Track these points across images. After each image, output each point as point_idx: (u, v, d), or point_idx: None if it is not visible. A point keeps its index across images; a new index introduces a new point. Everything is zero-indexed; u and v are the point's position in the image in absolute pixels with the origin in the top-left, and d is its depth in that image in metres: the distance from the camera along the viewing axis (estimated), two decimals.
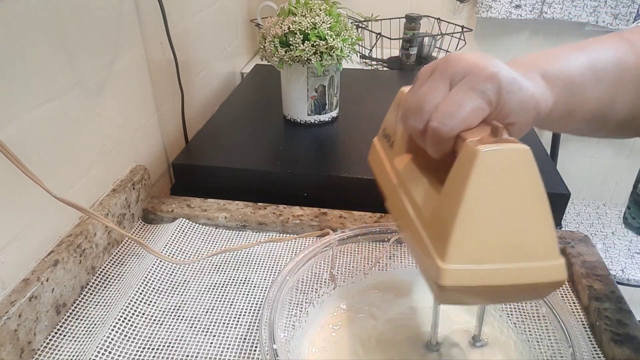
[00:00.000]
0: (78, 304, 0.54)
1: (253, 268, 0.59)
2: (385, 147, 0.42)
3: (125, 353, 0.48)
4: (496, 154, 0.29)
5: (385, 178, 0.41)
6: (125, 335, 0.49)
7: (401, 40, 1.30)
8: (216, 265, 0.60)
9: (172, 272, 0.58)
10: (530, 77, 0.36)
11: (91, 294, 0.55)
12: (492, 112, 0.33)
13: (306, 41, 0.73)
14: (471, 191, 0.29)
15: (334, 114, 0.86)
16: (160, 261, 0.58)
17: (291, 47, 0.74)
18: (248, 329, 0.51)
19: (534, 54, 0.40)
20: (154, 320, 0.52)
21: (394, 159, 0.40)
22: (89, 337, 0.49)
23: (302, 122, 0.84)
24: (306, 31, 0.73)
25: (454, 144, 0.33)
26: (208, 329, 0.51)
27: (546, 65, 0.38)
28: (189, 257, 0.61)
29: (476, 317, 0.47)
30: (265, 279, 0.58)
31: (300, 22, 0.74)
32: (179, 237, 0.63)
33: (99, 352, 0.46)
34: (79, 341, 0.49)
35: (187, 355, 0.48)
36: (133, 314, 0.51)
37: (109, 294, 0.55)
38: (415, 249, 0.35)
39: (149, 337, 0.50)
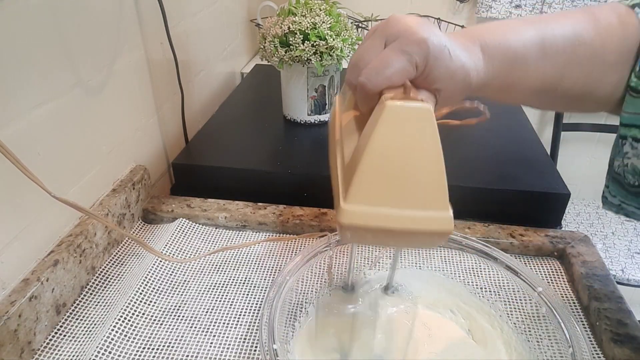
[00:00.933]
0: (78, 304, 0.54)
1: (253, 268, 0.59)
2: (341, 103, 0.45)
3: (125, 353, 0.48)
4: (399, 109, 0.33)
5: (332, 134, 0.44)
6: (125, 335, 0.49)
7: None
8: (216, 265, 0.60)
9: (172, 272, 0.58)
10: (468, 47, 0.38)
11: (91, 294, 0.55)
12: (419, 76, 0.35)
13: (306, 41, 0.73)
14: (374, 139, 0.33)
15: None
16: (160, 261, 0.58)
17: (291, 47, 0.74)
18: (248, 329, 0.51)
19: (482, 25, 0.41)
20: (154, 320, 0.52)
21: (342, 114, 0.43)
22: (89, 337, 0.49)
23: (302, 122, 0.84)
24: (306, 31, 0.73)
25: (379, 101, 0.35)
26: (208, 329, 0.51)
27: (488, 37, 0.39)
28: (189, 257, 0.61)
29: (390, 267, 0.51)
30: (265, 279, 0.58)
31: (300, 22, 0.74)
32: (179, 237, 0.63)
33: (99, 352, 0.46)
34: (79, 341, 0.49)
35: (187, 355, 0.48)
36: (133, 314, 0.51)
37: (109, 294, 0.55)
38: (333, 195, 0.38)
39: (149, 337, 0.50)
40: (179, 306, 0.54)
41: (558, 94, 0.42)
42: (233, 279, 0.58)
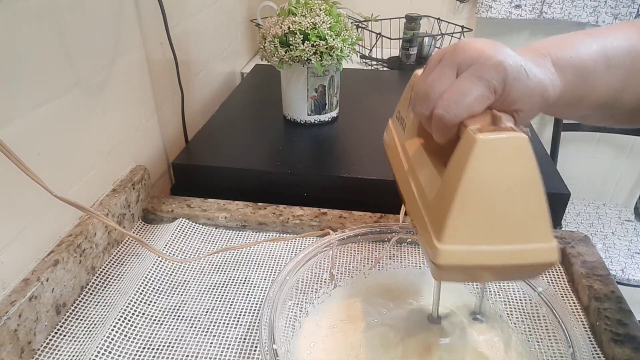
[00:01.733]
0: (78, 304, 0.54)
1: (253, 268, 0.59)
2: (398, 129, 0.44)
3: (125, 353, 0.48)
4: (493, 142, 0.31)
5: (397, 161, 0.42)
6: (125, 335, 0.49)
7: (401, 40, 1.30)
8: (216, 265, 0.60)
9: (172, 272, 0.58)
10: (540, 63, 0.37)
11: (91, 294, 0.55)
12: (498, 99, 0.34)
13: (306, 41, 0.73)
14: (468, 176, 0.31)
15: (334, 114, 0.86)
16: (160, 261, 0.58)
17: (291, 47, 0.74)
18: (248, 329, 0.51)
19: (546, 40, 0.40)
20: (154, 320, 0.52)
21: (405, 141, 0.41)
22: (89, 337, 0.49)
23: (302, 122, 0.84)
24: (306, 31, 0.73)
25: (458, 131, 0.34)
26: (208, 329, 0.51)
27: (558, 51, 0.38)
28: (189, 257, 0.61)
29: (477, 294, 0.48)
30: (265, 279, 0.58)
31: (300, 22, 0.74)
32: (179, 237, 0.63)
33: (99, 352, 0.46)
34: (79, 341, 0.49)
35: (187, 355, 0.48)
36: (133, 314, 0.51)
37: (109, 294, 0.55)
38: (418, 230, 0.37)
39: (149, 337, 0.50)
40: (179, 306, 0.54)
41: (617, 107, 0.42)
42: (233, 279, 0.58)
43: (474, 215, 0.31)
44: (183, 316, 0.52)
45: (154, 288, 0.55)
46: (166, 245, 0.61)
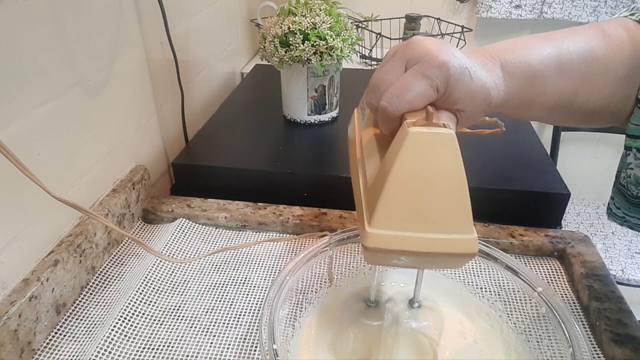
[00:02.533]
0: (78, 304, 0.54)
1: (253, 268, 0.59)
2: (359, 118, 0.46)
3: (125, 353, 0.48)
4: (422, 136, 0.33)
5: (352, 149, 0.44)
6: (125, 335, 0.49)
7: (401, 41, 1.30)
8: (216, 265, 0.60)
9: (172, 272, 0.58)
10: (488, 67, 0.38)
11: (91, 294, 0.55)
12: (440, 97, 0.36)
13: (306, 41, 0.73)
14: (398, 166, 0.33)
15: (334, 114, 0.86)
16: (160, 261, 0.58)
17: (291, 47, 0.74)
18: (248, 329, 0.51)
19: (500, 43, 0.41)
20: (154, 320, 0.52)
21: (363, 130, 0.43)
22: (89, 337, 0.49)
23: (302, 122, 0.84)
24: (306, 31, 0.73)
25: (400, 124, 0.36)
26: (208, 329, 0.51)
27: (509, 55, 0.40)
28: (189, 257, 0.61)
29: (415, 282, 0.50)
30: (265, 279, 0.58)
31: (300, 22, 0.74)
32: (179, 237, 0.63)
33: (99, 352, 0.46)
34: (79, 341, 0.49)
35: (187, 355, 0.48)
36: (133, 314, 0.51)
37: (109, 294, 0.55)
38: (357, 217, 0.39)
39: (149, 337, 0.50)
40: (179, 306, 0.54)
41: (572, 110, 0.43)
42: (233, 279, 0.58)
43: (401, 203, 0.34)
44: (183, 316, 0.52)
45: (154, 288, 0.55)
46: (166, 245, 0.61)
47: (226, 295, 0.55)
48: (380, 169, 0.36)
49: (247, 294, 0.55)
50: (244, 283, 0.57)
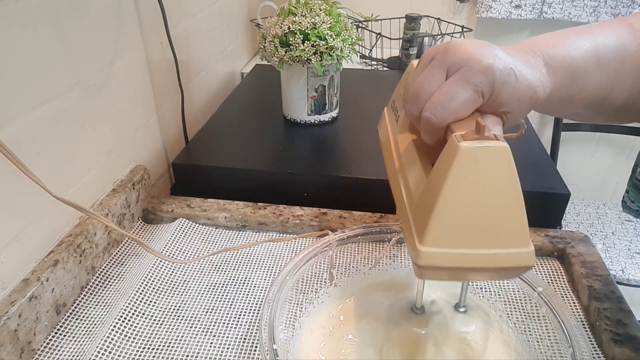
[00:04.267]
0: (78, 304, 0.54)
1: (253, 268, 0.59)
2: (392, 119, 0.45)
3: (125, 353, 0.48)
4: (475, 151, 0.31)
5: (389, 155, 0.43)
6: (125, 335, 0.49)
7: (401, 40, 1.30)
8: (216, 265, 0.60)
9: (172, 272, 0.58)
10: (531, 63, 0.37)
11: (91, 294, 0.55)
12: (486, 102, 0.35)
13: (306, 41, 0.73)
14: (449, 183, 0.32)
15: (334, 114, 0.86)
16: (160, 261, 0.58)
17: (291, 47, 0.74)
18: (248, 329, 0.51)
19: (538, 37, 0.40)
20: (154, 320, 0.52)
21: (398, 134, 0.42)
22: (89, 337, 0.49)
23: (302, 122, 0.84)
24: (306, 31, 0.73)
25: (445, 133, 0.35)
26: (208, 329, 0.51)
27: (550, 50, 0.38)
28: (189, 257, 0.61)
29: (461, 287, 0.50)
30: (265, 279, 0.58)
31: (300, 22, 0.74)
32: (179, 237, 0.63)
33: (99, 352, 0.46)
34: (79, 341, 0.49)
35: (187, 355, 0.48)
36: (133, 314, 0.51)
37: (109, 294, 0.55)
38: (403, 229, 0.38)
39: (149, 337, 0.50)
40: (179, 306, 0.54)
41: (605, 105, 0.42)
42: (233, 279, 0.58)
43: (454, 220, 0.33)
44: (183, 316, 0.52)
45: (154, 288, 0.55)
46: (166, 245, 0.61)
47: (226, 295, 0.55)
48: (428, 184, 0.35)
49: (247, 294, 0.55)
50: (244, 283, 0.57)
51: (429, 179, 0.35)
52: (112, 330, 0.49)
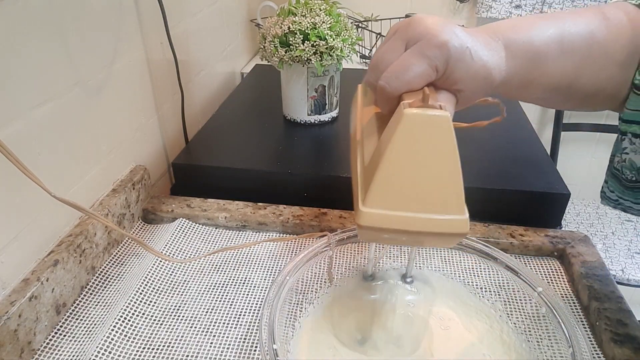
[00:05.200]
0: (78, 304, 0.54)
1: (253, 268, 0.59)
2: (362, 95, 0.46)
3: (125, 353, 0.48)
4: (417, 117, 0.33)
5: (353, 127, 0.45)
6: (125, 335, 0.49)
7: None
8: (216, 265, 0.60)
9: (172, 272, 0.58)
10: (491, 45, 0.38)
11: (91, 294, 0.55)
12: (440, 77, 0.36)
13: (306, 41, 0.73)
14: (393, 147, 0.33)
15: (334, 114, 0.86)
16: (160, 261, 0.58)
17: (291, 47, 0.74)
18: (248, 329, 0.51)
19: (506, 21, 0.41)
20: (154, 320, 0.52)
21: (364, 107, 0.44)
22: (89, 337, 0.49)
23: (302, 122, 0.84)
24: (306, 31, 0.73)
25: (398, 103, 0.36)
26: (208, 329, 0.51)
27: (512, 34, 0.39)
28: (189, 257, 0.61)
29: (408, 258, 0.54)
30: (265, 279, 0.58)
31: (300, 22, 0.74)
32: (179, 237, 0.63)
33: (99, 352, 0.46)
34: (79, 341, 0.49)
35: (187, 355, 0.48)
36: (133, 314, 0.51)
37: (109, 294, 0.55)
38: (352, 194, 0.40)
39: (149, 337, 0.50)
40: (179, 306, 0.54)
41: (571, 92, 0.43)
42: (233, 279, 0.58)
43: (394, 183, 0.34)
44: (183, 316, 0.52)
45: (154, 288, 0.55)
46: (166, 245, 0.61)
47: (226, 295, 0.55)
48: (376, 150, 0.36)
49: (247, 294, 0.55)
50: (244, 283, 0.57)
51: (378, 145, 0.36)
52: (112, 330, 0.49)
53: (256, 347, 0.49)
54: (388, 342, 0.48)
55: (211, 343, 0.49)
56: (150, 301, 0.54)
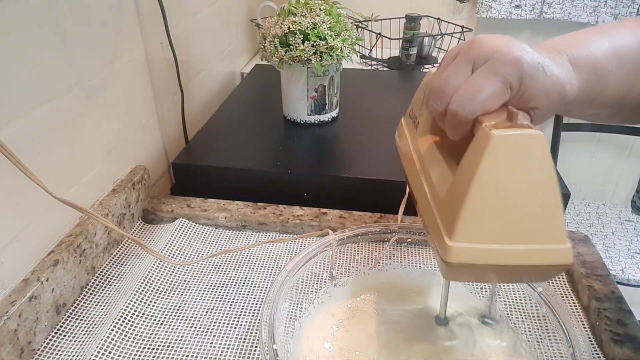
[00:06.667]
0: (78, 304, 0.54)
1: (253, 268, 0.59)
2: (410, 128, 0.43)
3: (125, 353, 0.48)
4: (508, 139, 0.30)
5: (409, 159, 0.42)
6: (125, 335, 0.49)
7: (401, 40, 1.30)
8: (216, 265, 0.60)
9: (172, 272, 0.58)
10: (557, 60, 0.36)
11: (91, 294, 0.55)
12: (514, 96, 0.34)
13: (306, 41, 0.73)
14: (482, 173, 0.30)
15: (334, 114, 0.86)
16: (160, 261, 0.58)
17: (291, 47, 0.74)
18: (248, 329, 0.51)
19: (559, 38, 0.40)
20: (154, 320, 0.52)
21: (417, 139, 0.40)
22: (89, 337, 0.49)
23: (302, 122, 0.84)
24: (306, 31, 0.73)
25: (472, 128, 0.33)
26: (208, 329, 0.51)
27: (573, 49, 0.38)
28: (189, 257, 0.61)
29: (487, 297, 0.48)
30: (265, 279, 0.58)
31: (300, 22, 0.74)
32: (179, 237, 0.63)
33: (99, 352, 0.46)
34: (79, 341, 0.49)
35: (187, 355, 0.48)
36: (133, 314, 0.51)
37: (109, 294, 0.55)
38: (428, 228, 0.36)
39: (149, 337, 0.50)
40: (179, 306, 0.54)
41: (625, 104, 0.42)
42: (233, 279, 0.58)
43: (486, 213, 0.31)
44: (183, 316, 0.52)
45: (154, 288, 0.55)
46: (166, 245, 0.61)
47: (226, 296, 0.55)
48: (456, 178, 0.33)
49: (247, 294, 0.55)
50: (244, 283, 0.57)
51: (457, 173, 0.33)
52: (112, 330, 0.49)
53: (256, 347, 0.49)
54: None
55: (211, 343, 0.49)
56: (150, 301, 0.54)
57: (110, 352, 0.47)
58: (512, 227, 0.31)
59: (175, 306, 0.54)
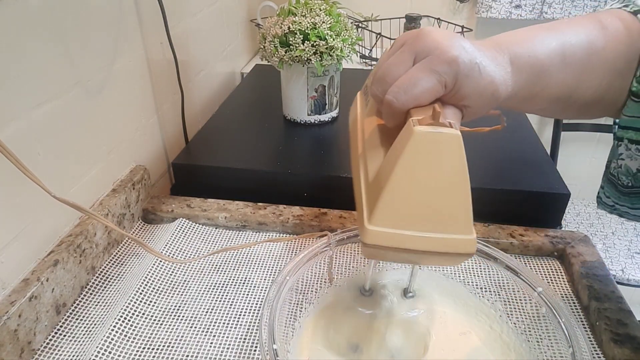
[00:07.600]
0: (78, 304, 0.54)
1: (253, 268, 0.59)
2: (362, 104, 0.45)
3: (125, 353, 0.48)
4: (428, 136, 0.32)
5: (354, 138, 0.44)
6: (125, 335, 0.49)
7: None
8: (216, 265, 0.60)
9: (172, 272, 0.58)
10: (497, 60, 0.38)
11: (91, 294, 0.55)
12: (448, 93, 0.35)
13: (306, 41, 0.73)
14: (401, 164, 0.33)
15: (334, 114, 0.86)
16: (160, 261, 0.58)
17: (291, 47, 0.74)
18: (248, 329, 0.51)
19: (510, 33, 0.41)
20: (154, 320, 0.52)
21: (365, 118, 0.43)
22: (89, 337, 0.49)
23: (302, 122, 0.84)
24: (306, 31, 0.73)
25: (405, 118, 0.35)
26: (208, 329, 0.51)
27: (517, 48, 0.39)
28: (189, 257, 0.61)
29: (409, 273, 0.52)
30: (265, 279, 0.58)
31: (300, 22, 0.74)
32: (179, 237, 0.63)
33: (99, 352, 0.46)
34: (79, 341, 0.49)
35: (187, 355, 0.48)
36: (133, 314, 0.51)
37: (109, 294, 0.55)
38: (356, 209, 0.39)
39: (149, 337, 0.50)
40: (179, 306, 0.54)
41: (571, 102, 0.43)
42: (233, 279, 0.58)
43: (402, 201, 0.34)
44: (183, 316, 0.52)
45: (154, 288, 0.55)
46: (166, 245, 0.61)
47: (226, 295, 0.55)
48: (382, 166, 0.36)
49: (247, 294, 0.55)
50: (244, 283, 0.57)
51: (384, 161, 0.36)
52: (112, 330, 0.49)
53: (256, 347, 0.49)
54: (382, 350, 0.47)
55: (211, 343, 0.49)
56: (150, 301, 0.54)
57: (110, 352, 0.47)
58: (424, 216, 0.34)
59: (175, 306, 0.54)
